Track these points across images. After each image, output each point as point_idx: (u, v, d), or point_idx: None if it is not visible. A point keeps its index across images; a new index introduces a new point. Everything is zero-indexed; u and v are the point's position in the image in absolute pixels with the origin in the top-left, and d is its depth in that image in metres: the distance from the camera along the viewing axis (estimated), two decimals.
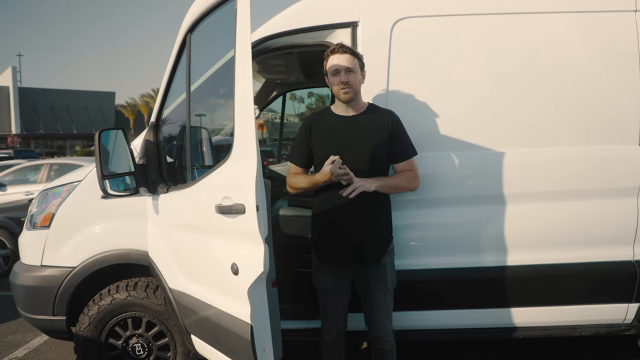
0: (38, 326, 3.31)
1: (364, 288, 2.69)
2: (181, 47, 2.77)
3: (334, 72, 2.55)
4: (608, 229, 2.95)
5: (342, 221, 2.58)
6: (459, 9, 2.91)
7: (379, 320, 2.66)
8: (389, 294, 2.68)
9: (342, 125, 2.61)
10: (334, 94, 2.62)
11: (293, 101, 7.25)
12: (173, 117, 3.04)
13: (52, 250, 3.16)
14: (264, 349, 2.24)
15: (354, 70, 2.55)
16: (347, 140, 2.57)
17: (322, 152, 2.59)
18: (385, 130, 2.60)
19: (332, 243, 2.62)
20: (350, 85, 2.53)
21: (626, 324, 3.05)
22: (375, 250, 2.61)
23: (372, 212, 2.58)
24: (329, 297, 2.68)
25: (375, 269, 2.62)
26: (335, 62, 2.54)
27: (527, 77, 2.88)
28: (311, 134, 2.64)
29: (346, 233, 2.58)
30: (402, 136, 2.65)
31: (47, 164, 10.22)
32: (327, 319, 2.72)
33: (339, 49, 2.55)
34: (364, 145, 2.57)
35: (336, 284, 2.67)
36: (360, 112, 2.64)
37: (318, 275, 2.71)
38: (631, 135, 2.90)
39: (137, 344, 3.16)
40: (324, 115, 2.71)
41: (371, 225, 2.59)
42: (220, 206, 2.21)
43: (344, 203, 2.51)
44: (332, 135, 2.60)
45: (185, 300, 2.77)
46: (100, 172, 2.75)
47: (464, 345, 3.83)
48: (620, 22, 2.88)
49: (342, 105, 2.62)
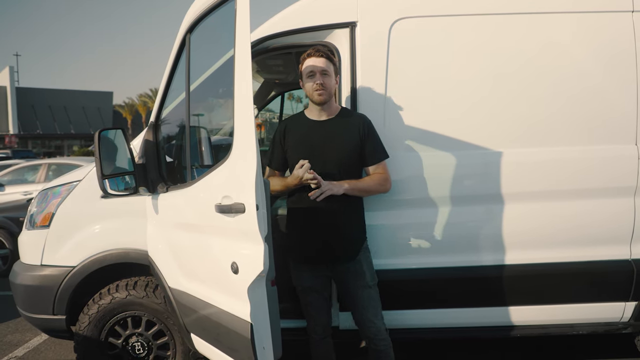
0: (38, 325, 3.31)
1: (342, 285, 2.73)
2: (180, 47, 2.78)
3: (309, 74, 2.59)
4: (605, 229, 2.96)
5: (312, 221, 2.63)
6: (458, 9, 2.92)
7: (367, 318, 2.67)
8: (372, 290, 2.69)
9: (315, 129, 2.66)
10: (308, 96, 2.66)
11: (291, 101, 7.24)
12: (172, 116, 3.05)
13: (51, 250, 3.16)
14: (263, 347, 2.25)
15: (329, 73, 2.59)
16: (319, 144, 2.63)
17: (295, 155, 2.63)
18: (356, 134, 2.64)
19: (304, 242, 2.68)
20: (324, 88, 2.57)
21: (623, 322, 3.07)
22: (346, 249, 2.65)
23: (341, 212, 2.62)
24: (310, 295, 2.72)
25: (350, 265, 2.66)
26: (310, 64, 2.59)
27: (526, 78, 2.90)
28: (285, 138, 2.71)
29: (317, 232, 2.63)
30: (373, 140, 2.68)
31: (45, 164, 10.22)
32: (311, 316, 2.76)
33: (315, 53, 2.59)
34: (335, 150, 2.62)
35: (315, 281, 2.70)
36: (332, 116, 2.68)
37: (296, 274, 2.75)
38: (628, 135, 2.91)
39: (137, 343, 3.17)
40: (297, 119, 2.76)
41: (340, 225, 2.63)
42: (220, 205, 2.22)
43: (315, 204, 2.55)
44: (305, 140, 2.66)
45: (185, 299, 2.78)
46: (100, 172, 2.76)
47: (463, 345, 3.85)
48: (617, 22, 2.89)
49: (316, 109, 2.66)
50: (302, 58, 2.64)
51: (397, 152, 2.88)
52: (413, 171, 2.93)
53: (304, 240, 2.68)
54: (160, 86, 2.96)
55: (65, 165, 9.67)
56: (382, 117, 2.89)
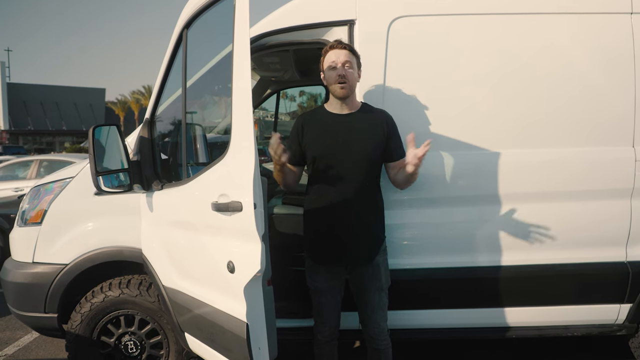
0: (29, 323, 3.26)
1: (358, 287, 2.68)
2: (177, 43, 2.74)
3: (331, 67, 2.53)
4: (601, 230, 2.96)
5: (335, 220, 2.56)
6: (457, 9, 2.91)
7: (374, 320, 2.66)
8: (384, 293, 2.67)
9: (337, 123, 2.59)
10: (330, 90, 2.60)
11: (285, 100, 7.22)
12: (168, 113, 3.01)
13: (43, 247, 3.12)
14: (259, 347, 2.23)
15: (352, 66, 2.54)
16: (343, 138, 2.55)
17: (316, 149, 2.57)
18: (380, 130, 2.59)
19: (325, 242, 2.61)
20: (347, 80, 2.51)
21: (618, 324, 3.07)
22: (368, 249, 2.61)
23: (366, 211, 2.58)
24: (323, 297, 2.67)
25: (369, 268, 2.62)
26: (333, 57, 2.53)
27: (524, 79, 2.89)
28: (303, 133, 2.62)
29: (340, 232, 2.56)
30: (396, 135, 2.65)
31: (36, 160, 10.12)
32: (321, 318, 2.71)
33: (337, 45, 2.55)
34: (360, 144, 2.55)
35: (330, 283, 2.66)
36: (354, 110, 2.62)
37: (312, 275, 2.69)
38: (625, 137, 2.91)
39: (130, 342, 3.14)
40: (317, 113, 2.68)
41: (365, 224, 2.58)
42: (217, 204, 2.19)
43: (338, 202, 2.51)
44: (326, 133, 2.58)
45: (179, 298, 2.75)
46: (94, 169, 2.72)
47: (461, 345, 3.85)
48: (616, 24, 2.89)
49: (337, 102, 2.60)
50: (324, 51, 2.59)
51: None
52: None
53: (325, 240, 2.61)
54: (155, 82, 2.92)
55: (56, 162, 9.59)
56: None
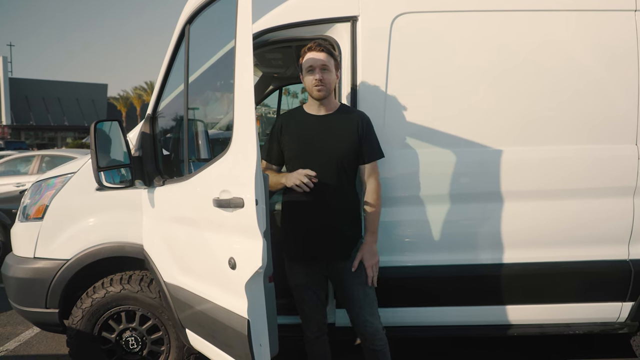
0: (30, 319, 3.27)
1: (339, 284, 2.70)
2: (179, 38, 2.73)
3: (309, 68, 2.55)
4: (603, 228, 2.96)
5: (308, 219, 2.58)
6: (460, 5, 2.90)
7: (363, 317, 2.63)
8: (369, 288, 2.64)
9: (313, 124, 2.62)
10: (308, 91, 2.62)
11: (287, 96, 7.21)
12: (170, 109, 3.00)
13: (45, 242, 3.12)
14: (260, 344, 2.22)
15: (329, 68, 2.55)
16: (317, 138, 2.58)
17: (291, 149, 2.61)
18: (355, 131, 2.60)
19: (299, 241, 2.63)
20: (323, 83, 2.53)
21: (620, 322, 3.07)
22: (342, 246, 2.62)
23: (339, 210, 2.59)
24: (304, 293, 2.68)
25: (347, 263, 2.62)
26: (311, 58, 2.54)
27: (527, 75, 2.88)
28: (282, 132, 2.66)
29: (312, 231, 2.59)
30: (371, 138, 2.64)
31: (38, 155, 10.12)
32: (305, 314, 2.72)
33: (315, 47, 2.55)
34: (334, 145, 2.57)
35: (309, 278, 2.67)
36: (331, 111, 2.64)
37: (290, 271, 2.70)
38: (628, 134, 2.91)
39: (131, 338, 3.13)
40: (296, 114, 2.72)
41: (338, 223, 2.60)
42: (218, 200, 2.19)
43: (311, 201, 2.52)
44: (302, 134, 2.62)
45: (181, 294, 2.74)
46: (96, 164, 2.72)
47: (462, 343, 3.84)
48: (620, 21, 2.88)
49: (315, 103, 2.62)
50: (303, 51, 2.60)
51: (396, 148, 2.86)
52: (412, 168, 2.92)
53: (299, 237, 2.63)
54: (157, 78, 2.91)
55: (58, 157, 9.59)
56: (382, 113, 2.87)
